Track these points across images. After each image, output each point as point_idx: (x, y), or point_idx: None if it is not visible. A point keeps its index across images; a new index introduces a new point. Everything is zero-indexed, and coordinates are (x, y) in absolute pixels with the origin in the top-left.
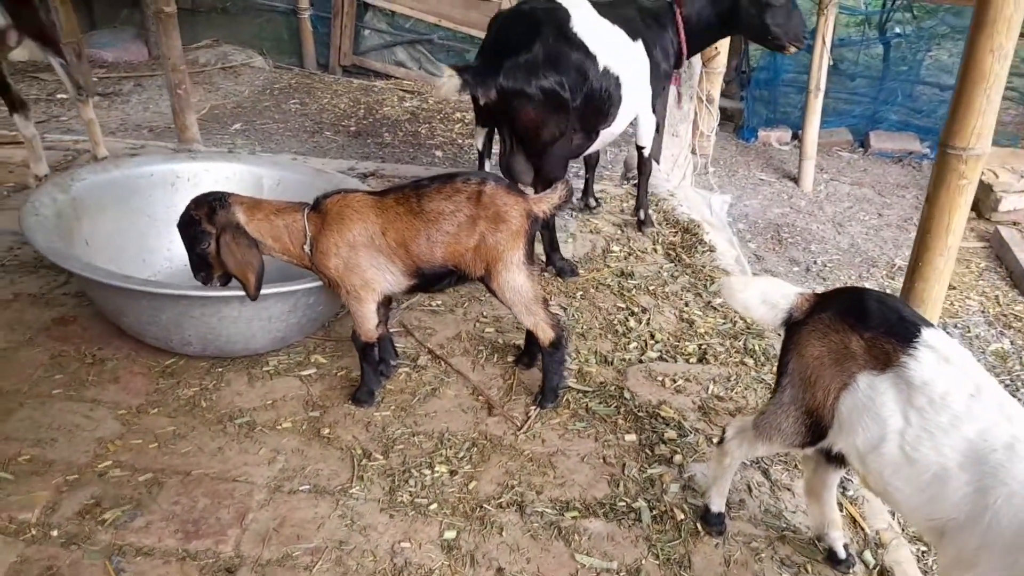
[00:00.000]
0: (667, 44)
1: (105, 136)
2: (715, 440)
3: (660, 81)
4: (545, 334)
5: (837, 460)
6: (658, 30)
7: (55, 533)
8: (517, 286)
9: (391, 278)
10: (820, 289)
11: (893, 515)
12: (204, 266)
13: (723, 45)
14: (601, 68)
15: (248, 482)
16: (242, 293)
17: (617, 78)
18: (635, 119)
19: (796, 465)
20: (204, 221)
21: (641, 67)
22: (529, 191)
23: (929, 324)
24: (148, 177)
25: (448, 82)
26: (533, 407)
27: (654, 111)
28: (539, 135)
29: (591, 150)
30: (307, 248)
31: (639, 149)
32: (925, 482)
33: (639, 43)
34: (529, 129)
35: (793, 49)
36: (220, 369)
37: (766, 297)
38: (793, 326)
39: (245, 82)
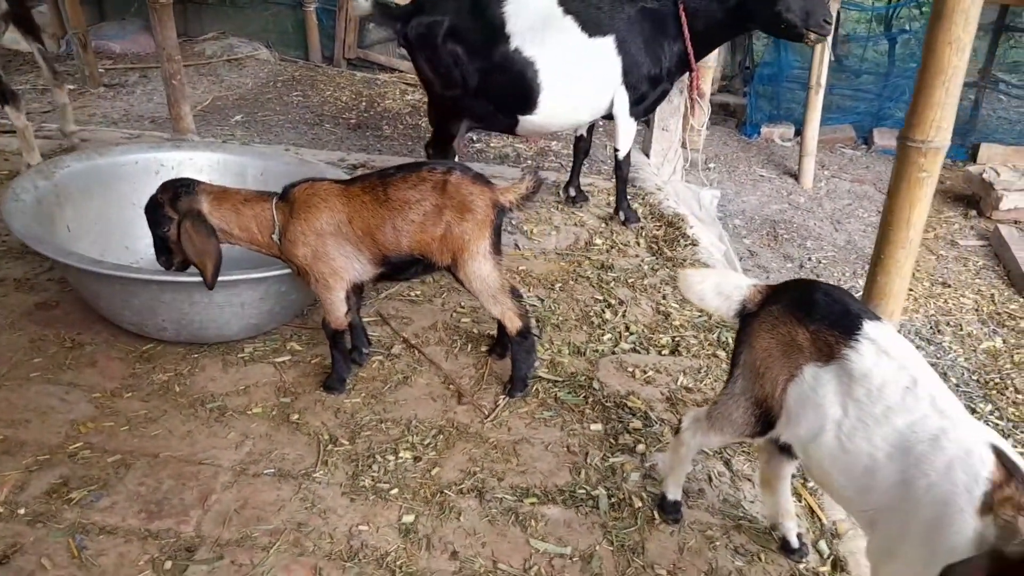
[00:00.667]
0: (660, 46)
1: (108, 125)
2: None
3: (642, 85)
4: (512, 323)
5: (789, 451)
6: (651, 32)
7: (22, 511)
8: (483, 275)
9: (358, 266)
10: None
11: None
12: (165, 250)
13: None
14: (512, 49)
15: (214, 465)
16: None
17: (533, 65)
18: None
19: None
20: (167, 205)
21: (591, 63)
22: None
23: (874, 317)
24: (132, 165)
25: (362, 4)
26: (502, 396)
27: (638, 116)
28: (431, 93)
29: (521, 132)
30: (275, 237)
31: (615, 151)
32: (858, 473)
33: (601, 40)
34: (424, 84)
35: (813, 37)
36: (196, 355)
37: (720, 289)
38: (746, 318)
39: (249, 74)
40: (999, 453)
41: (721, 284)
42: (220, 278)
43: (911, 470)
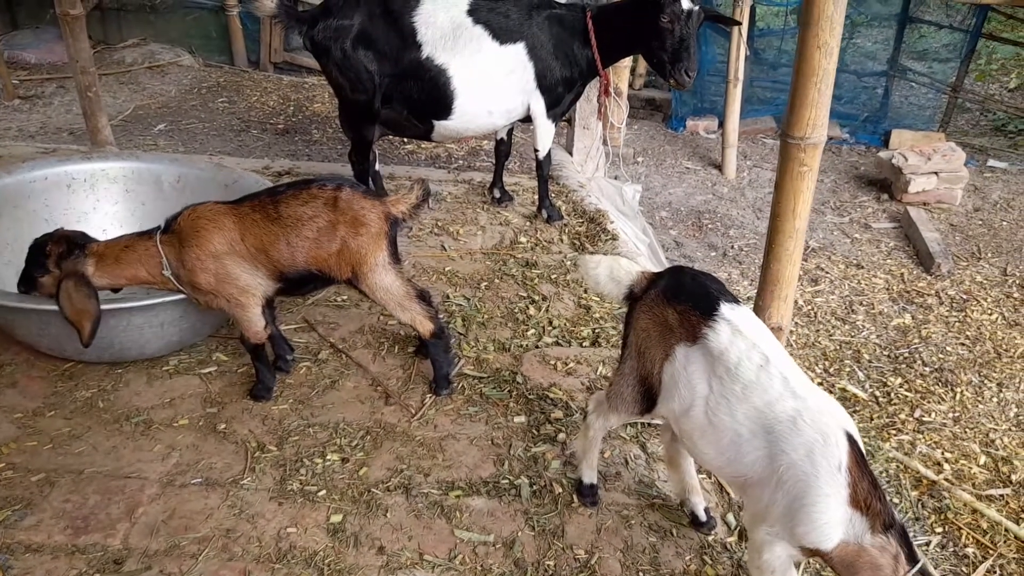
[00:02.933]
0: (570, 51)
1: (23, 140)
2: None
3: (556, 88)
4: (424, 327)
5: None
6: (562, 37)
7: None
8: (386, 285)
9: (259, 281)
10: (735, 273)
11: None
12: (31, 286)
13: None
14: (424, 57)
15: (140, 478)
16: (129, 304)
17: (446, 72)
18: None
19: None
20: (52, 258)
21: (505, 69)
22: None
23: (732, 299)
24: (42, 180)
25: (266, 4)
26: (429, 395)
27: (556, 118)
28: (341, 97)
29: (436, 138)
30: (167, 273)
31: (535, 152)
32: (725, 445)
33: (512, 47)
34: (333, 88)
35: (672, 82)
36: (120, 370)
37: (612, 274)
38: (633, 301)
39: (172, 81)
40: (851, 441)
41: (613, 269)
42: (140, 302)
43: (774, 448)
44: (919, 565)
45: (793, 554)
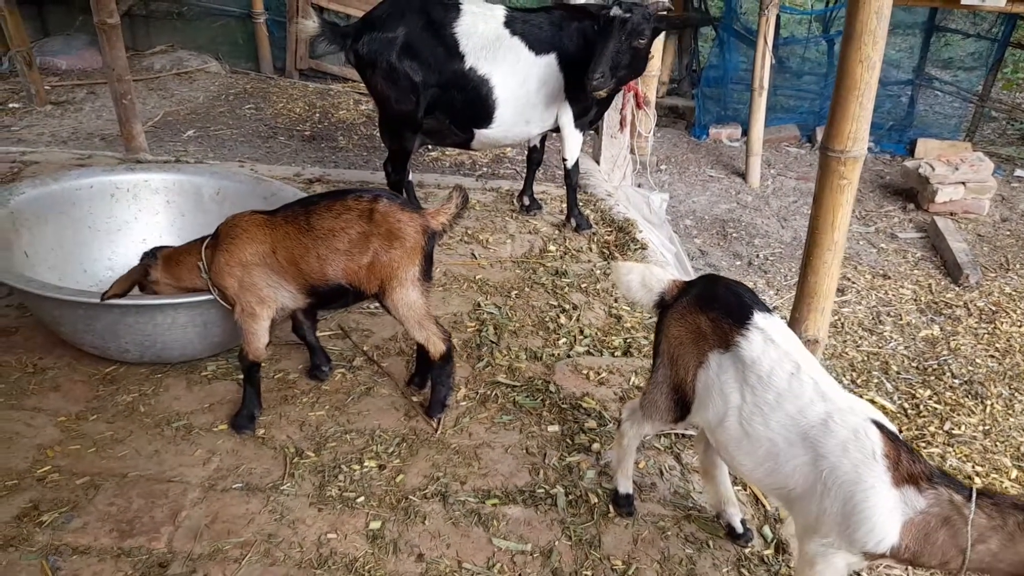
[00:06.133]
0: None
1: (56, 145)
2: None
3: (584, 98)
4: (436, 348)
5: None
6: (589, 49)
7: None
8: (410, 302)
9: (287, 295)
10: (761, 283)
11: None
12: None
13: (657, 49)
14: (467, 67)
15: (183, 482)
16: (174, 300)
17: (488, 82)
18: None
19: None
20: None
21: (539, 81)
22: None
23: (764, 308)
24: (88, 189)
25: (309, 25)
26: (457, 405)
27: (583, 127)
28: (384, 109)
29: (476, 147)
30: (204, 276)
31: (563, 161)
32: (761, 456)
33: (546, 57)
34: (377, 101)
35: (588, 88)
36: (159, 375)
37: (644, 281)
38: (664, 309)
39: (200, 88)
40: (880, 427)
41: (645, 277)
42: (183, 299)
43: (811, 454)
44: (973, 493)
45: (853, 562)
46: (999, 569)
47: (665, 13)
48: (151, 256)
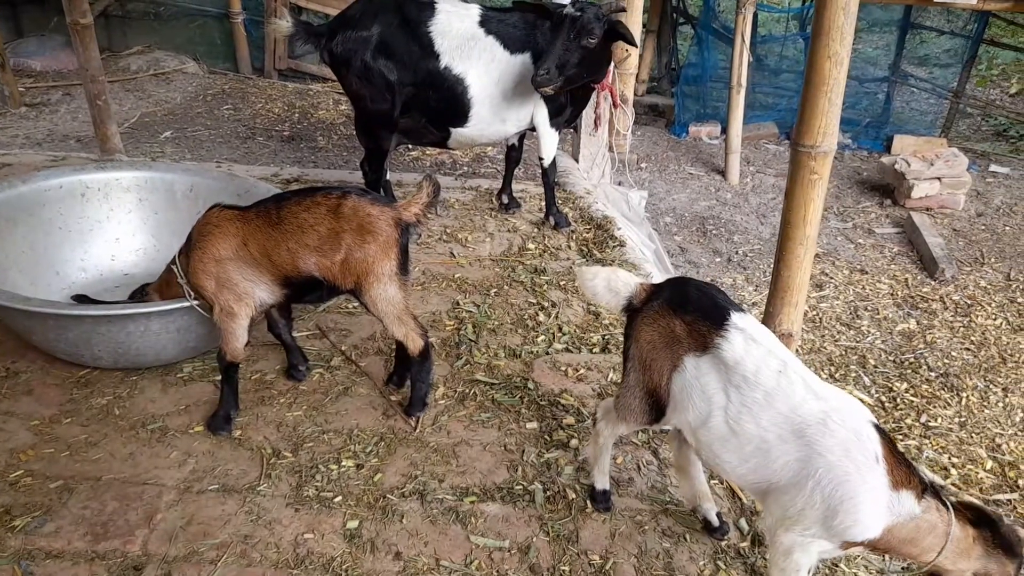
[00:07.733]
0: None
1: (31, 147)
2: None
3: (559, 97)
4: (415, 343)
5: None
6: None
7: None
8: (388, 297)
9: (264, 287)
10: (740, 279)
11: None
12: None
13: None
14: (442, 66)
15: (158, 484)
16: (147, 309)
17: (463, 80)
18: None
19: None
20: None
21: (514, 79)
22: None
23: (738, 308)
24: (57, 189)
25: (283, 25)
26: (437, 403)
27: (559, 126)
28: (360, 108)
29: (453, 146)
30: (182, 282)
31: (540, 160)
32: (748, 453)
33: (520, 56)
34: (352, 99)
35: (534, 85)
36: (135, 378)
37: (610, 285)
38: (633, 313)
39: (177, 88)
40: (879, 431)
41: (611, 281)
42: (156, 307)
43: (805, 451)
44: (951, 501)
45: (826, 550)
46: (959, 570)
47: (620, 12)
48: (142, 293)
